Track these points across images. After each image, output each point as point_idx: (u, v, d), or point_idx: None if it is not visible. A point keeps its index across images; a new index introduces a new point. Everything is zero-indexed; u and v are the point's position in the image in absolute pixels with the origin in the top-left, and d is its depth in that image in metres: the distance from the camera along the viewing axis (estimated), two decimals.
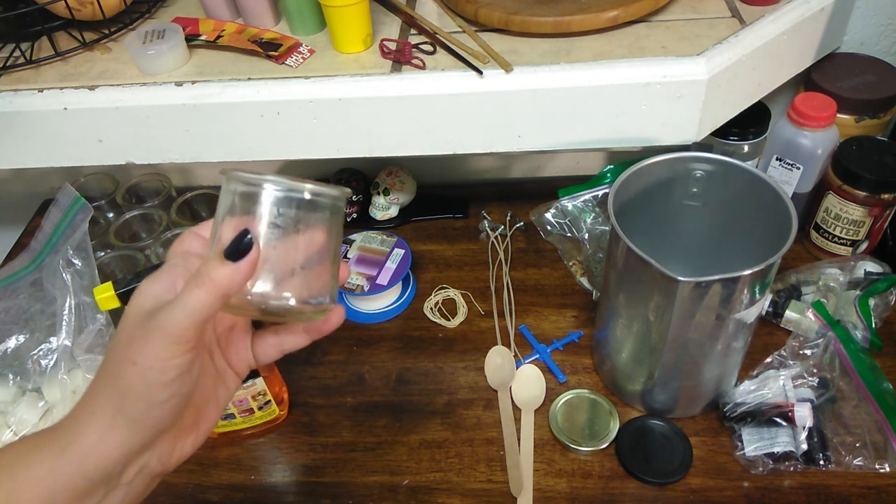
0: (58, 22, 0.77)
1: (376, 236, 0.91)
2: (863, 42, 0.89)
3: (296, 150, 0.74)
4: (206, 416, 0.43)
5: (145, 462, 0.39)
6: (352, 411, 0.79)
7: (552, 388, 0.78)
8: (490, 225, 0.98)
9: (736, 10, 0.73)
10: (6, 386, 0.80)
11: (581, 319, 0.86)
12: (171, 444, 0.40)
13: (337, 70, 0.71)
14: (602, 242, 0.90)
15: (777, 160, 0.82)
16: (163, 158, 0.77)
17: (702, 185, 0.71)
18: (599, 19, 0.69)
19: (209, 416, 0.43)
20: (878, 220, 0.81)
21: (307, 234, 0.39)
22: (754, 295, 0.62)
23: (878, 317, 0.78)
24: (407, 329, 0.87)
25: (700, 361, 0.68)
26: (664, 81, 0.67)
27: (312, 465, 0.75)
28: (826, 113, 0.77)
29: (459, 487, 0.71)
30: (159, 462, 0.39)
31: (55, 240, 0.91)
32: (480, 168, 1.09)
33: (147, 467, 0.39)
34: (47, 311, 0.85)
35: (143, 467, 0.39)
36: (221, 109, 0.71)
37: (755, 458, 0.69)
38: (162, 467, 0.40)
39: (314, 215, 0.39)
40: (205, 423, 0.43)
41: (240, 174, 0.38)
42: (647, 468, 0.69)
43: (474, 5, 0.72)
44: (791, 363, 0.75)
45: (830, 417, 0.71)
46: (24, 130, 0.74)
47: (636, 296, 0.66)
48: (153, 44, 0.71)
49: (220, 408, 0.44)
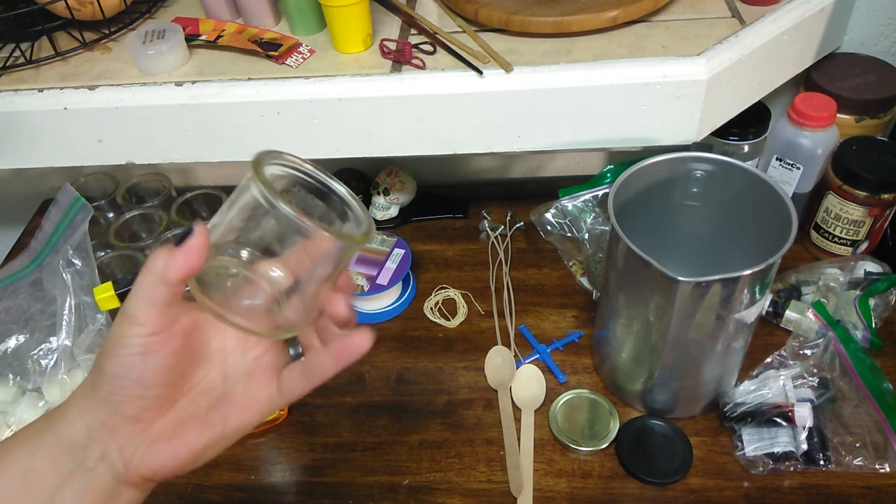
0: (58, 22, 0.77)
1: (376, 236, 0.91)
2: (863, 42, 0.89)
3: (296, 151, 0.73)
4: (185, 431, 0.40)
5: (106, 447, 0.38)
6: (352, 411, 0.79)
7: (552, 388, 0.78)
8: (490, 225, 0.98)
9: (736, 10, 0.73)
10: (6, 386, 0.80)
11: (581, 319, 0.86)
12: (133, 439, 0.39)
13: (337, 70, 0.71)
14: (602, 242, 0.90)
15: (777, 160, 0.82)
16: (163, 158, 0.77)
17: (702, 185, 0.71)
18: (599, 19, 0.69)
19: (189, 433, 0.40)
20: (878, 220, 0.81)
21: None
22: (754, 295, 0.62)
23: (878, 317, 0.78)
24: (407, 329, 0.87)
25: (700, 361, 0.68)
26: (664, 81, 0.67)
27: (312, 465, 0.75)
28: (826, 113, 0.77)
29: (459, 487, 0.71)
30: (120, 456, 0.38)
31: (55, 240, 0.91)
32: (480, 168, 1.09)
33: (108, 457, 0.38)
34: (47, 311, 0.85)
35: (104, 453, 0.38)
36: (221, 109, 0.71)
37: (755, 458, 0.69)
38: (123, 465, 0.38)
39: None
40: (182, 440, 0.40)
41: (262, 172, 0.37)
42: (647, 468, 0.69)
43: (474, 5, 0.72)
44: (791, 363, 0.75)
45: (830, 417, 0.71)
46: (24, 130, 0.74)
47: (636, 296, 0.66)
48: (153, 44, 0.71)
49: (205, 432, 0.40)
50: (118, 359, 0.37)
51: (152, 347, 0.37)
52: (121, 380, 0.37)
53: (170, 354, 0.38)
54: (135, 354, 0.37)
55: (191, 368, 0.41)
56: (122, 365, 0.37)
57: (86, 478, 0.38)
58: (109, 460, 0.38)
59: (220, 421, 0.41)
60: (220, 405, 0.41)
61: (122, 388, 0.38)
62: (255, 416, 0.42)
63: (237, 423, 0.41)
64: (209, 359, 0.42)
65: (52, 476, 0.38)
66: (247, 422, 0.42)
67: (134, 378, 0.37)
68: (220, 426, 0.41)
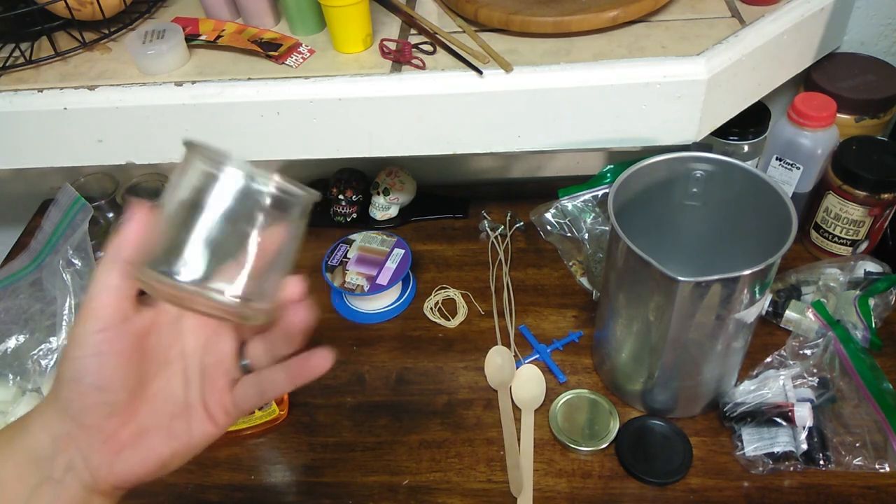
0: (58, 22, 0.77)
1: (376, 236, 0.91)
2: (863, 42, 0.89)
3: (296, 150, 0.74)
4: (150, 440, 0.40)
5: (72, 458, 0.38)
6: (352, 411, 0.79)
7: (552, 388, 0.78)
8: (490, 225, 0.98)
9: (736, 10, 0.73)
10: (6, 386, 0.80)
11: (581, 319, 0.86)
12: (98, 449, 0.38)
13: (337, 70, 0.71)
14: (602, 242, 0.90)
15: (777, 160, 0.82)
16: (163, 158, 0.77)
17: (702, 185, 0.71)
18: (599, 19, 0.69)
19: (154, 442, 0.40)
20: (878, 220, 0.81)
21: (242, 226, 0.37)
22: (754, 295, 0.62)
23: (878, 317, 0.78)
24: (407, 329, 0.87)
25: (700, 361, 0.68)
26: (664, 81, 0.67)
27: (312, 465, 0.75)
28: (826, 113, 0.77)
29: (459, 487, 0.71)
30: (86, 467, 0.38)
31: (55, 240, 0.91)
32: (480, 168, 1.09)
33: (74, 468, 0.38)
34: (47, 311, 0.85)
35: (70, 464, 0.38)
36: (221, 109, 0.71)
37: (755, 458, 0.69)
38: (90, 475, 0.38)
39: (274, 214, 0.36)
40: (148, 450, 0.39)
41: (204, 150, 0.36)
42: (647, 468, 0.69)
43: (474, 5, 0.72)
44: (791, 363, 0.75)
45: (830, 417, 0.71)
46: (24, 130, 0.74)
47: (636, 296, 0.66)
48: (153, 44, 0.71)
49: (171, 441, 0.40)
50: (74, 362, 0.37)
51: (105, 346, 0.37)
52: (78, 384, 0.37)
53: (123, 354, 0.38)
54: (89, 356, 0.37)
55: (150, 374, 0.40)
56: (78, 368, 0.37)
57: (55, 489, 0.38)
58: (76, 471, 0.38)
59: (185, 431, 0.41)
60: (183, 414, 0.41)
61: (81, 394, 0.37)
62: (217, 427, 0.42)
63: (201, 434, 0.41)
64: (169, 365, 0.41)
65: (21, 488, 0.38)
66: (209, 432, 0.41)
67: (90, 382, 0.37)
68: (185, 436, 0.41)
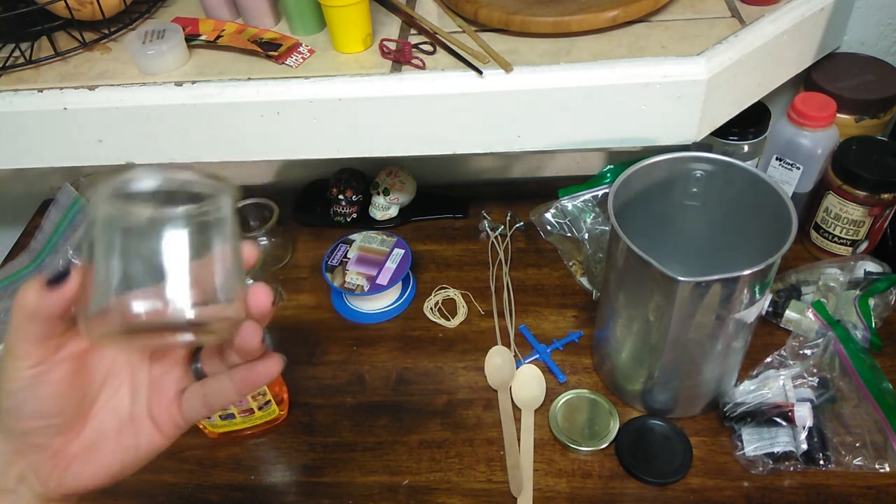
0: (58, 22, 0.77)
1: (376, 236, 0.91)
2: (863, 42, 0.89)
3: (296, 150, 0.74)
4: (99, 453, 0.39)
5: (23, 471, 0.38)
6: (352, 411, 0.79)
7: (552, 388, 0.78)
8: (490, 225, 0.98)
9: (736, 10, 0.73)
10: None
11: (581, 319, 0.86)
12: (47, 463, 0.38)
13: (337, 70, 0.71)
14: (602, 242, 0.90)
15: (777, 160, 0.82)
16: (163, 158, 0.77)
17: (702, 185, 0.71)
18: (599, 19, 0.69)
19: (103, 455, 0.39)
20: (878, 220, 0.81)
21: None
22: (754, 295, 0.62)
23: (878, 317, 0.78)
24: (407, 329, 0.87)
25: (700, 361, 0.68)
26: (664, 81, 0.67)
27: (312, 465, 0.75)
28: (826, 113, 0.77)
29: (459, 487, 0.71)
30: (37, 479, 0.38)
31: (55, 240, 0.92)
32: (480, 168, 1.09)
33: (26, 479, 0.38)
34: None
35: (22, 476, 0.38)
36: (221, 109, 0.71)
37: (755, 457, 0.69)
38: (42, 487, 0.38)
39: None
40: (98, 462, 0.39)
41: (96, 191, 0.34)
42: (647, 468, 0.69)
43: (474, 5, 0.72)
44: (791, 363, 0.75)
45: (830, 417, 0.71)
46: (25, 130, 0.74)
47: (636, 296, 0.66)
48: (153, 44, 0.71)
49: (119, 454, 0.40)
50: (8, 395, 0.36)
51: (39, 378, 0.36)
52: (17, 413, 0.37)
53: (60, 382, 0.37)
54: (23, 388, 0.36)
55: (94, 389, 0.40)
56: (15, 399, 0.36)
57: (10, 499, 0.38)
58: (28, 482, 0.38)
59: (133, 444, 0.40)
60: (130, 426, 0.41)
61: (21, 422, 0.37)
62: (165, 438, 0.41)
63: (149, 446, 0.41)
64: (115, 377, 0.41)
65: None
66: (158, 443, 0.41)
67: (29, 411, 0.37)
68: (133, 449, 0.40)
